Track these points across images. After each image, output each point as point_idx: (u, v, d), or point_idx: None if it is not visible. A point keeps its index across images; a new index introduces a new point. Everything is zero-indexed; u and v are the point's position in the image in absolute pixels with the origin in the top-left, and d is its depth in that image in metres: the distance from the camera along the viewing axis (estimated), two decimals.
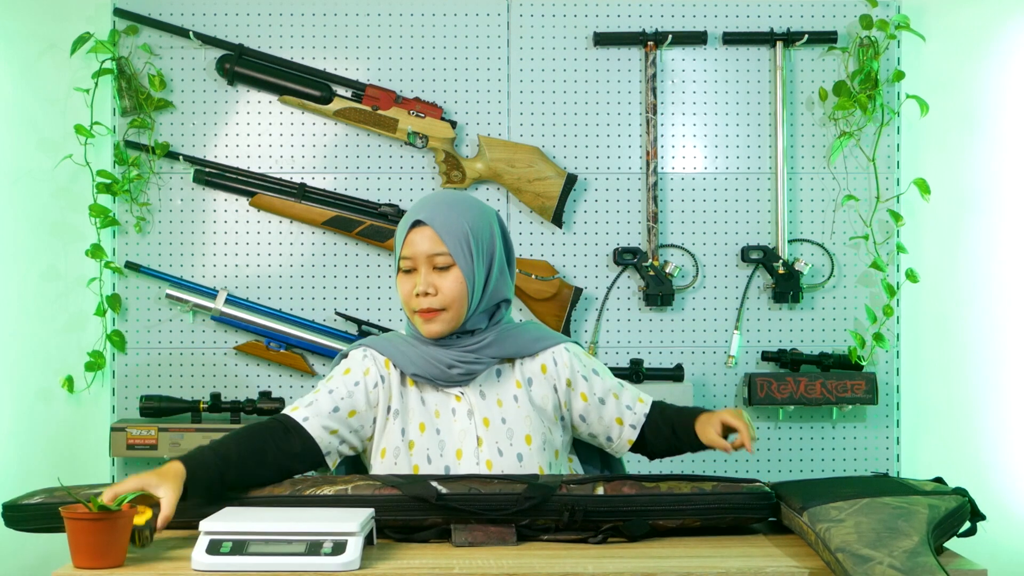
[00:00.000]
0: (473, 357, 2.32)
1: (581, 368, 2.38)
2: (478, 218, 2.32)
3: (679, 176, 3.46)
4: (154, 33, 3.39)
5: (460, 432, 2.30)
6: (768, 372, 3.40)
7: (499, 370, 2.36)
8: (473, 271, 2.29)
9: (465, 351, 2.32)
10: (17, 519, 2.17)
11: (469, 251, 2.29)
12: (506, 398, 2.33)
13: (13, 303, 3.41)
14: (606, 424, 2.39)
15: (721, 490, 2.14)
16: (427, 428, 2.31)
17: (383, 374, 2.33)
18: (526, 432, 2.31)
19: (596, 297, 3.44)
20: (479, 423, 2.31)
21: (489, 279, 2.32)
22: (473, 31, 3.43)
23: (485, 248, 2.32)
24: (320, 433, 2.27)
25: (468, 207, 2.33)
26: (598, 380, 2.39)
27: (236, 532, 1.92)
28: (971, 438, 3.48)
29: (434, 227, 2.28)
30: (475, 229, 2.30)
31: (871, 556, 1.86)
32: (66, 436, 3.39)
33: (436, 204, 2.33)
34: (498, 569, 1.92)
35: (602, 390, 2.39)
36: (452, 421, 2.31)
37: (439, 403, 2.33)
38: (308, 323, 3.38)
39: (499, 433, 2.30)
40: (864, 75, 3.38)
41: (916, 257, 3.43)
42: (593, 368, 2.40)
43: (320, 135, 3.42)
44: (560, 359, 2.37)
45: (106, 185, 3.32)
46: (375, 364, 2.34)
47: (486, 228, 2.33)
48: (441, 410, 2.32)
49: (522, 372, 2.36)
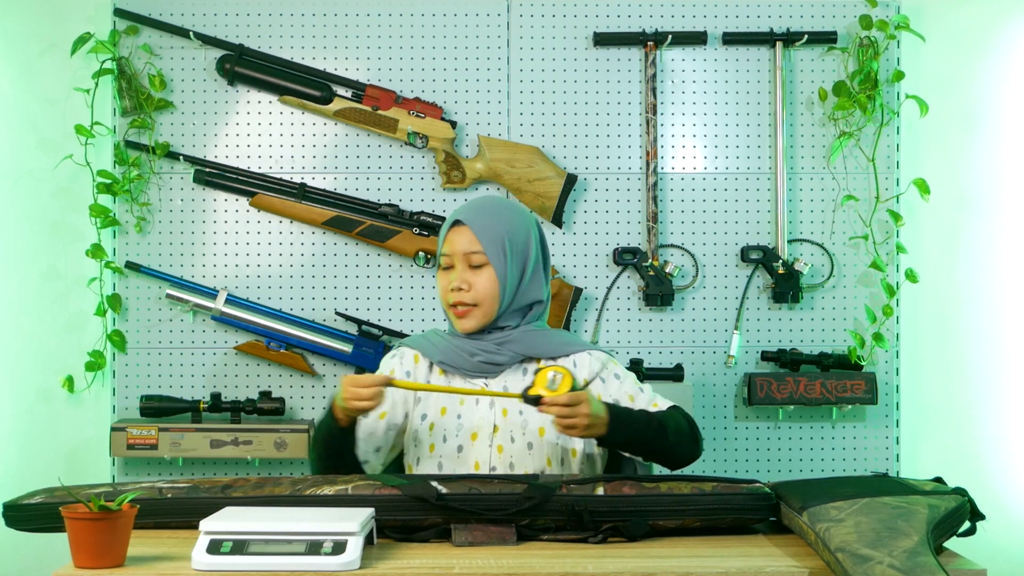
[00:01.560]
0: (495, 349, 2.46)
1: (601, 370, 2.49)
2: (516, 222, 2.48)
3: (679, 176, 3.46)
4: (154, 33, 3.39)
5: (480, 418, 2.44)
6: (768, 372, 3.40)
7: (525, 368, 2.48)
8: (506, 271, 2.44)
9: (490, 343, 2.46)
10: (18, 519, 2.17)
11: (504, 252, 2.44)
12: None
13: (13, 303, 3.41)
14: None
15: (721, 491, 2.15)
16: (448, 411, 2.45)
17: (409, 369, 2.50)
18: (540, 424, 2.42)
19: (596, 297, 3.44)
20: (498, 413, 2.44)
21: (522, 280, 2.46)
22: (473, 31, 3.43)
23: (520, 251, 2.46)
24: (359, 443, 2.45)
25: (508, 212, 2.50)
26: (615, 383, 2.48)
27: (236, 532, 1.92)
28: (971, 438, 3.48)
29: (472, 228, 2.44)
30: (512, 232, 2.46)
31: (871, 556, 1.86)
32: (66, 436, 3.39)
33: (478, 207, 2.51)
34: (498, 569, 1.92)
35: (619, 393, 2.47)
36: (474, 407, 2.44)
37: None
38: (308, 323, 3.38)
39: (515, 423, 2.44)
40: (864, 75, 3.38)
41: (916, 257, 3.43)
42: (615, 373, 2.50)
43: (320, 135, 3.42)
44: (581, 361, 2.49)
45: (106, 185, 3.32)
46: (401, 362, 2.51)
47: (523, 232, 2.48)
48: (466, 397, 2.44)
49: None
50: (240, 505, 2.11)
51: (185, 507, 2.15)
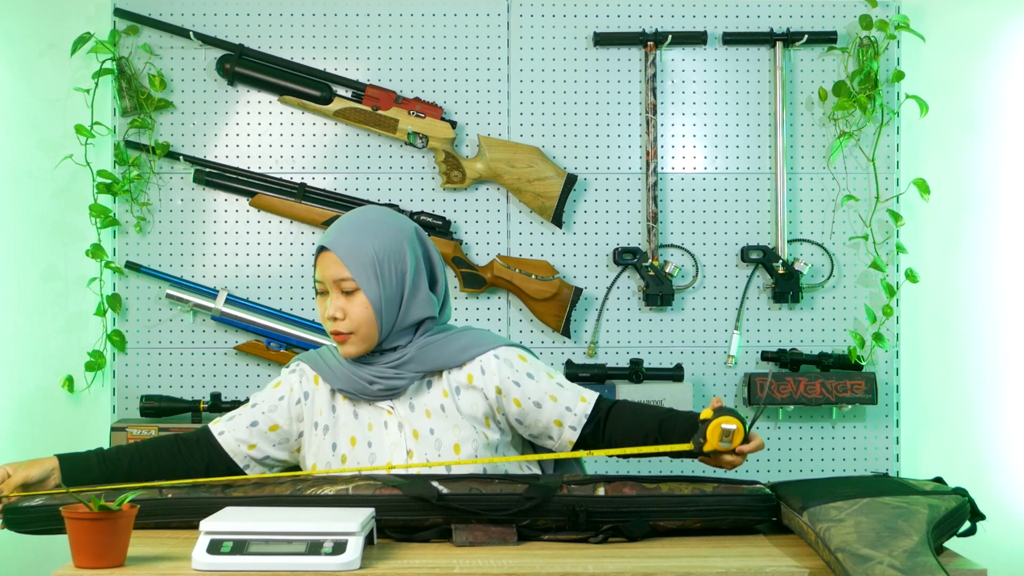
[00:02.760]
0: (393, 373, 2.33)
1: (512, 374, 2.36)
2: (387, 240, 2.32)
3: (679, 176, 3.46)
4: (154, 33, 3.39)
5: (391, 445, 2.32)
6: (768, 372, 3.41)
7: (429, 381, 2.36)
8: (380, 295, 2.29)
9: (386, 367, 2.33)
10: (18, 521, 2.17)
11: (374, 275, 2.29)
12: (434, 408, 2.34)
13: (13, 303, 3.41)
14: (544, 426, 2.37)
15: (722, 491, 2.15)
16: (358, 442, 2.33)
17: (308, 390, 2.37)
18: (454, 442, 2.32)
19: (596, 297, 3.44)
20: (409, 435, 2.32)
21: (403, 300, 2.32)
22: (473, 31, 3.43)
23: (394, 269, 2.31)
24: (235, 447, 2.34)
25: (377, 230, 2.33)
26: (532, 384, 2.36)
27: (236, 532, 1.92)
28: (971, 438, 3.48)
29: (337, 253, 2.30)
30: (381, 252, 2.30)
31: (871, 556, 1.86)
32: (66, 436, 3.39)
33: (343, 229, 2.33)
34: (498, 569, 1.92)
35: (537, 394, 2.36)
36: (384, 434, 2.33)
37: (371, 416, 2.35)
38: (308, 323, 3.38)
39: (428, 444, 2.31)
40: (864, 75, 3.38)
41: (916, 257, 3.43)
42: (528, 372, 2.37)
43: (320, 135, 3.42)
44: (488, 367, 2.35)
45: (106, 185, 3.32)
46: (301, 381, 2.38)
47: (396, 250, 2.32)
48: (374, 423, 2.34)
49: (449, 382, 2.35)
50: (241, 505, 2.11)
51: (186, 507, 2.15)
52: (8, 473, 2.23)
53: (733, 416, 2.17)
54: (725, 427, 2.16)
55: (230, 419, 2.37)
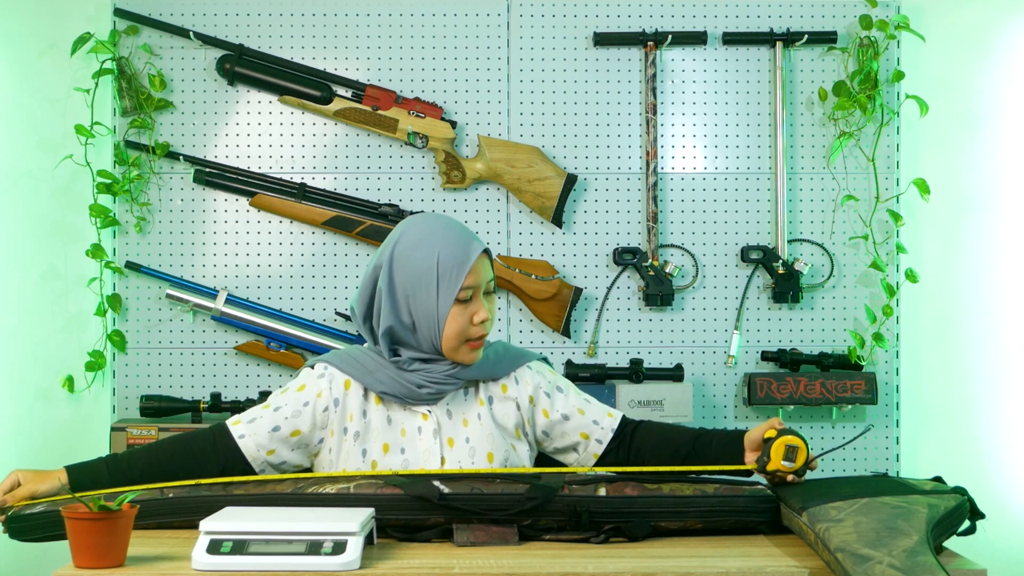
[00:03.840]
0: (444, 378, 2.29)
1: (545, 385, 2.38)
2: None
3: (679, 176, 3.46)
4: (154, 33, 3.39)
5: (425, 452, 2.29)
6: (768, 372, 3.41)
7: (467, 389, 2.35)
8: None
9: (439, 374, 2.30)
10: (21, 530, 2.16)
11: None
12: (471, 417, 2.33)
13: (13, 303, 3.41)
14: (571, 439, 2.38)
15: (723, 492, 2.15)
16: (391, 448, 2.29)
17: (338, 397, 2.30)
18: (488, 450, 2.31)
19: (596, 297, 3.44)
20: (444, 443, 2.30)
21: None
22: (473, 31, 3.43)
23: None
24: (255, 452, 2.27)
25: None
26: (561, 397, 2.38)
27: (236, 532, 1.92)
28: (971, 438, 3.48)
29: (487, 255, 2.32)
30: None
31: (871, 556, 1.86)
32: (66, 436, 3.39)
33: (468, 232, 2.32)
34: (498, 569, 1.92)
35: (566, 407, 2.37)
36: (417, 440, 2.30)
37: (405, 421, 2.31)
38: (308, 323, 3.38)
39: (462, 452, 2.30)
40: (864, 75, 3.38)
41: (916, 257, 3.43)
42: (557, 385, 2.39)
43: (320, 135, 3.42)
44: (522, 377, 2.37)
45: (106, 185, 3.32)
46: (330, 387, 2.30)
47: None
48: (407, 428, 2.31)
49: (486, 390, 2.35)
50: (242, 503, 2.11)
51: (186, 506, 2.14)
52: (19, 480, 2.20)
53: (796, 436, 2.19)
54: (790, 444, 2.18)
55: (251, 422, 2.28)
